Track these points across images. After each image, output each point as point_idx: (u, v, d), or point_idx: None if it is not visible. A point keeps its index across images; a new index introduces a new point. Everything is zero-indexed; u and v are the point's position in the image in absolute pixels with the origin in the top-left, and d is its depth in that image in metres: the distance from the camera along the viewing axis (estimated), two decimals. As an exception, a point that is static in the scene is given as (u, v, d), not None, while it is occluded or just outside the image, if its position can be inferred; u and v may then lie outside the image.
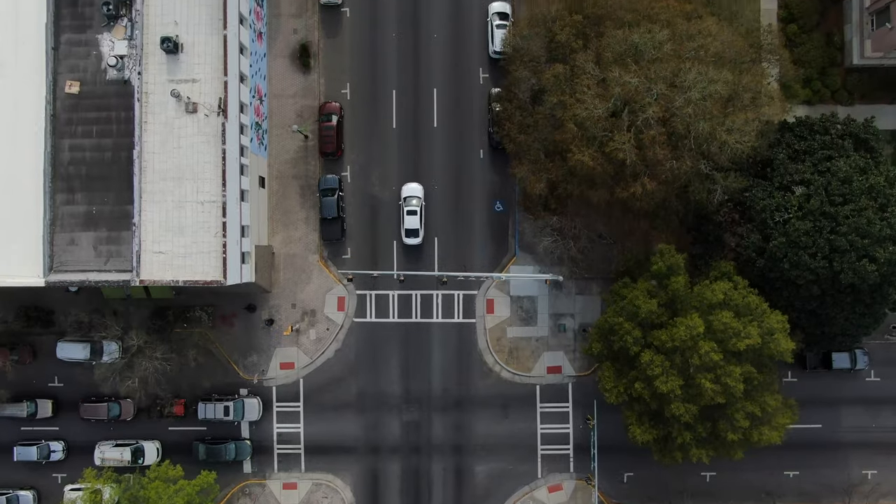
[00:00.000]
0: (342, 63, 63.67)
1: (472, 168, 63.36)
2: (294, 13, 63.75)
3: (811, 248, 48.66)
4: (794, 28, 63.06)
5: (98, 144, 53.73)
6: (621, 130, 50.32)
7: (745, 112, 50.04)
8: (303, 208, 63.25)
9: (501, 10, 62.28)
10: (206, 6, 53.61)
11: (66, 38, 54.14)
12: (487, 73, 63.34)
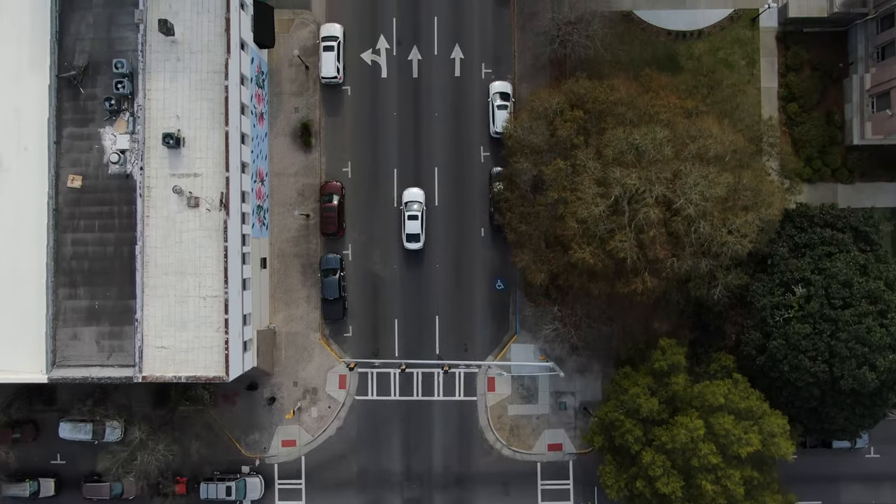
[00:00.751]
0: (343, 141, 63.79)
1: (472, 246, 63.51)
2: (295, 92, 63.84)
3: (811, 351, 48.87)
4: (794, 107, 63.21)
5: (100, 239, 53.86)
6: (622, 229, 50.47)
7: (746, 213, 50.17)
8: (304, 286, 63.43)
9: (503, 90, 62.38)
10: (208, 100, 53.70)
11: (69, 132, 54.25)
12: (488, 151, 63.50)
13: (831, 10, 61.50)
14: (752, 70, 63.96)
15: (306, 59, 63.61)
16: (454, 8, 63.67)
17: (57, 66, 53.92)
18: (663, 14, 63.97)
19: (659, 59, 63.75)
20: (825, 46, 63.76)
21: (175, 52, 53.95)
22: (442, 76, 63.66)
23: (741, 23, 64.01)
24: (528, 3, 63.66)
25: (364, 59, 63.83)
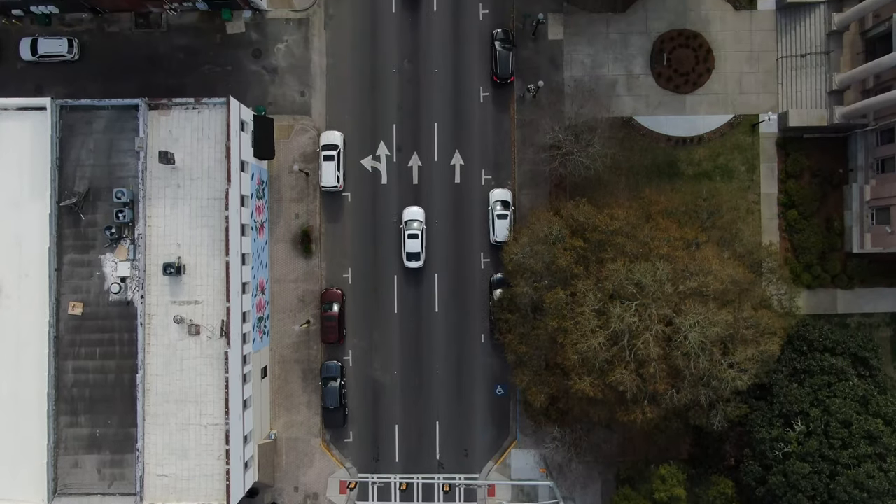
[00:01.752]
0: (344, 247, 63.85)
1: (473, 352, 63.59)
2: (295, 198, 63.89)
3: (810, 491, 49.03)
4: (794, 214, 63.25)
5: (101, 366, 53.95)
6: (622, 361, 50.56)
7: (746, 347, 50.26)
8: (305, 392, 63.55)
9: (503, 198, 62.44)
10: (208, 227, 53.82)
11: (69, 259, 54.30)
12: (489, 258, 63.54)
13: (831, 120, 61.54)
14: (752, 176, 63.99)
15: (306, 166, 63.67)
16: (454, 114, 63.71)
17: (57, 193, 53.93)
18: (663, 120, 63.99)
19: (659, 164, 63.81)
20: (825, 152, 63.76)
21: (175, 179, 54.02)
22: (442, 182, 63.73)
23: (741, 129, 64.02)
24: (528, 110, 63.69)
25: (364, 165, 63.88)
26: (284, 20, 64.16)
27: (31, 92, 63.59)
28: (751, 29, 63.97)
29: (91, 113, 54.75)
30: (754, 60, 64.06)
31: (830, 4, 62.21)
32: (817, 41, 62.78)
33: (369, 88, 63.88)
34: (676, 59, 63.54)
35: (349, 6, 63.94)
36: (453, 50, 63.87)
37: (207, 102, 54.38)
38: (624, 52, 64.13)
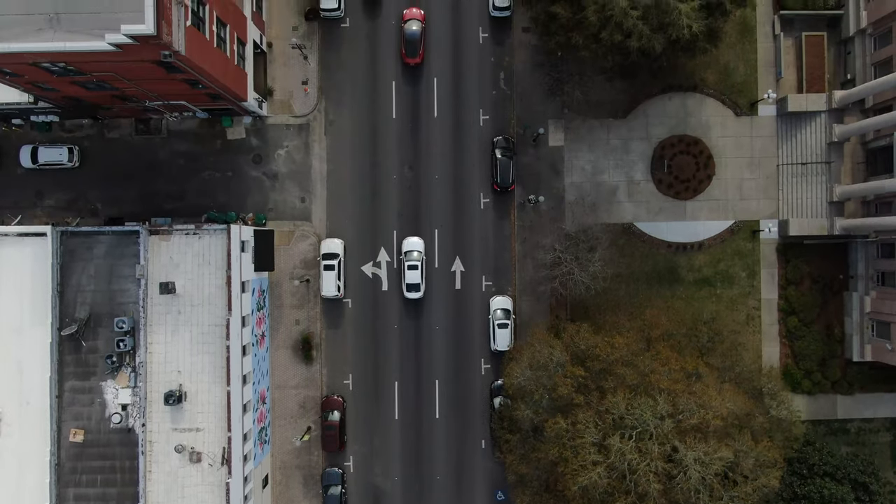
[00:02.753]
0: (344, 354, 63.88)
1: (473, 458, 63.69)
2: (296, 304, 63.90)
3: None
4: (794, 321, 63.31)
5: (103, 494, 54.00)
6: (622, 493, 50.61)
7: (746, 482, 50.32)
8: (306, 498, 63.66)
9: (503, 306, 62.46)
10: (209, 354, 53.88)
11: (70, 386, 54.33)
12: (489, 364, 63.60)
13: (832, 230, 61.57)
14: (753, 282, 64.03)
15: (307, 273, 63.68)
16: (455, 221, 63.70)
17: (58, 320, 53.91)
18: (664, 226, 64.01)
19: (660, 271, 63.86)
20: (825, 258, 63.79)
21: (176, 305, 54.06)
22: (443, 288, 63.73)
23: (742, 235, 64.04)
24: (529, 217, 63.71)
25: (365, 271, 63.89)
26: (285, 126, 64.11)
27: (31, 198, 63.73)
28: (751, 135, 63.96)
29: (92, 238, 54.76)
30: (755, 166, 64.06)
31: (831, 114, 62.13)
32: (818, 150, 62.76)
33: (370, 194, 63.88)
34: (677, 165, 63.51)
35: (349, 112, 63.89)
36: (454, 156, 63.82)
37: (208, 229, 54.39)
38: (625, 157, 64.12)
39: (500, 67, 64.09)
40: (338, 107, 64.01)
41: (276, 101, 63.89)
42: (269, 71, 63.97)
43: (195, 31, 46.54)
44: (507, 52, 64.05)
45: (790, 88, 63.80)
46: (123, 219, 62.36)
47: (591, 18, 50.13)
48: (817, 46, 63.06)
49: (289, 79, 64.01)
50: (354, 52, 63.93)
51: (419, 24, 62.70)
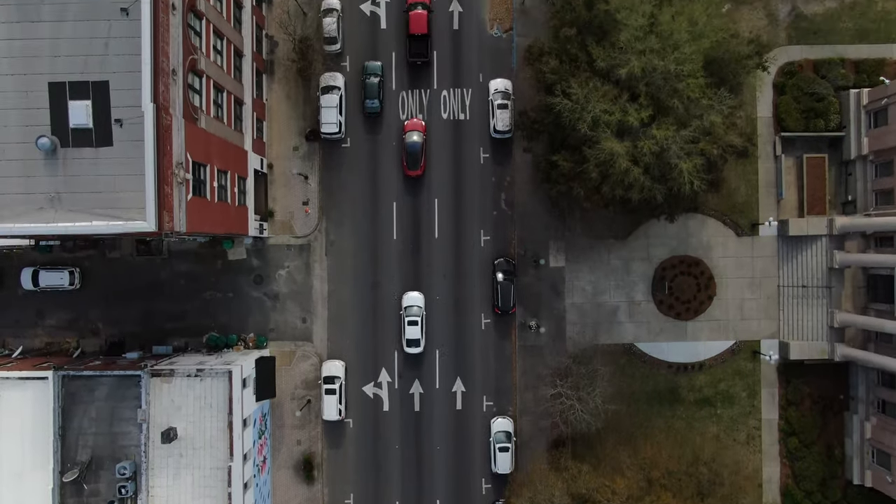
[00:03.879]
0: (346, 474, 64.00)
1: (475, 579, 64.00)
2: (297, 425, 64.00)
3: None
4: (794, 442, 63.44)
5: None
6: None
7: None
8: None
9: (504, 428, 62.57)
10: (211, 497, 54.00)
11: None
12: (490, 483, 63.73)
13: (832, 355, 61.65)
14: (753, 402, 64.13)
15: (308, 392, 63.80)
16: (456, 341, 63.79)
17: (60, 463, 53.94)
18: (665, 346, 64.08)
19: (660, 391, 63.97)
20: (826, 378, 63.87)
21: (178, 449, 54.11)
22: (443, 409, 63.84)
23: (742, 355, 64.12)
24: (530, 338, 63.80)
25: (366, 392, 63.98)
26: (286, 246, 64.10)
27: (32, 317, 63.76)
28: (752, 255, 63.97)
29: (93, 381, 54.73)
30: (755, 286, 64.09)
31: (832, 239, 62.14)
32: (819, 273, 62.79)
33: (371, 315, 63.91)
34: (678, 286, 63.51)
35: (350, 233, 63.89)
36: (455, 277, 63.86)
37: (210, 371, 54.41)
38: (625, 278, 64.15)
39: (501, 188, 64.07)
40: (338, 227, 63.99)
41: (277, 222, 63.89)
42: (270, 191, 63.95)
43: (197, 199, 46.51)
44: (508, 173, 64.02)
45: (791, 209, 63.82)
46: (125, 344, 62.52)
47: (592, 174, 50.08)
48: (818, 168, 63.06)
49: (289, 199, 63.99)
50: (355, 172, 63.89)
51: (421, 135, 62.62)
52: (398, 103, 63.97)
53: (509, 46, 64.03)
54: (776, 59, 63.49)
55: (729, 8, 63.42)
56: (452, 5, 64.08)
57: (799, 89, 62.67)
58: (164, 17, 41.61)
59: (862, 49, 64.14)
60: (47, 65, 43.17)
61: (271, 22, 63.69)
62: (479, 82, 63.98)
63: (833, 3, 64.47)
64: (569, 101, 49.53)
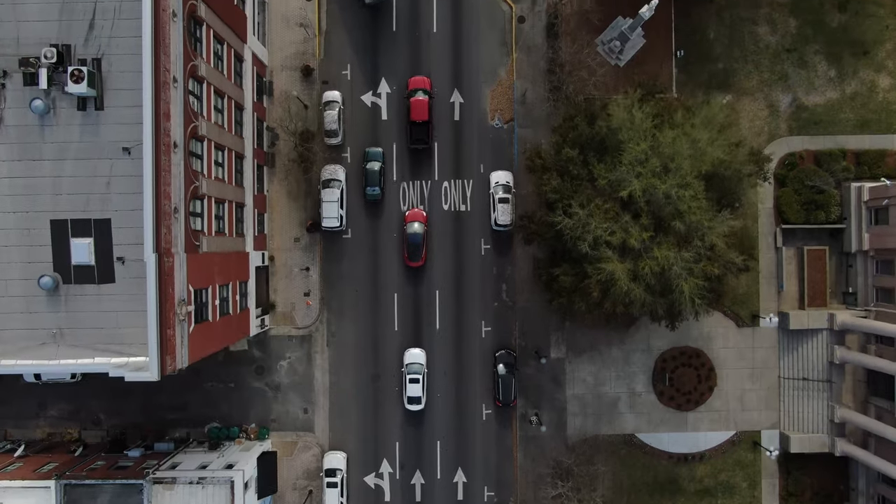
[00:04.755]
0: (347, 564, 64.23)
1: None
2: (299, 516, 64.18)
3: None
4: (795, 543, 63.70)
5: None
6: None
7: None
8: None
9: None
10: None
11: None
12: None
13: (833, 449, 61.80)
14: (754, 492, 64.29)
15: (310, 483, 63.97)
16: (457, 433, 63.91)
17: (63, 571, 54.11)
18: (665, 437, 64.21)
19: (661, 482, 64.13)
20: (826, 468, 64.01)
21: (180, 557, 54.22)
22: (445, 500, 63.99)
23: (743, 446, 64.26)
24: (531, 428, 63.92)
25: (368, 482, 64.14)
26: (287, 337, 64.17)
27: (34, 408, 63.85)
28: (753, 346, 64.07)
29: (95, 489, 54.83)
30: (756, 377, 64.21)
31: (833, 333, 62.24)
32: (819, 367, 62.92)
33: (372, 406, 64.03)
34: (678, 378, 63.63)
35: (351, 324, 63.96)
36: (455, 369, 63.94)
37: (212, 479, 54.52)
38: (626, 369, 64.26)
39: (502, 279, 64.13)
40: (340, 318, 64.05)
41: (279, 314, 63.96)
42: (271, 283, 64.01)
43: (199, 327, 46.58)
44: (510, 263, 64.08)
45: (792, 299, 63.91)
46: (126, 438, 62.63)
47: (594, 293, 50.15)
48: (819, 261, 63.14)
49: (291, 291, 64.05)
50: (356, 263, 63.92)
51: (422, 226, 62.66)
52: (399, 194, 63.99)
53: (510, 137, 64.03)
54: (777, 150, 63.69)
55: (730, 100, 63.68)
56: (454, 96, 64.01)
57: (800, 182, 62.71)
58: (166, 158, 41.59)
59: (863, 139, 64.13)
60: (49, 202, 43.35)
61: (272, 113, 63.68)
62: (481, 173, 64.01)
63: (834, 93, 64.43)
64: (570, 220, 49.55)
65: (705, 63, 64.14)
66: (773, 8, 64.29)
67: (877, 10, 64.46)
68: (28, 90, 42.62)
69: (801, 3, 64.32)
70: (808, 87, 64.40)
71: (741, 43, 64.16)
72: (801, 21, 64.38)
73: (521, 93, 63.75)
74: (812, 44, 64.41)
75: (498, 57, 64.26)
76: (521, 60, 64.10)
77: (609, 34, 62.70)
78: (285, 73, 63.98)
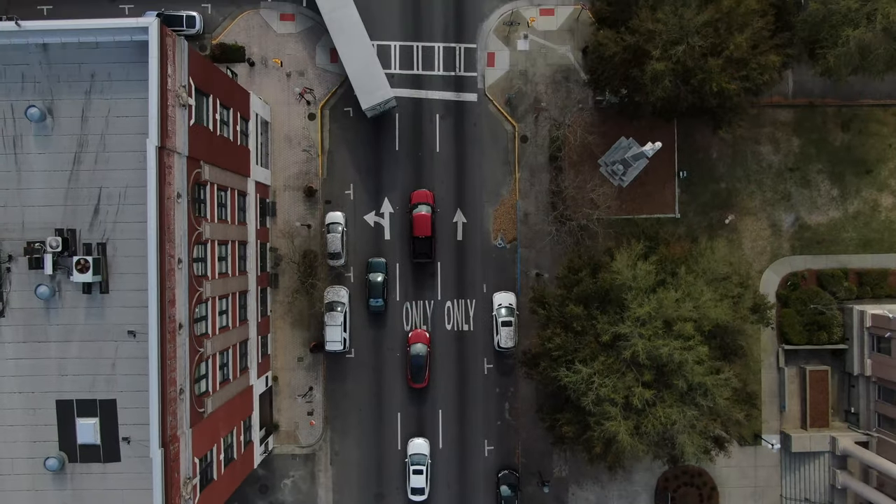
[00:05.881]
0: None
1: None
2: None
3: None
4: None
5: None
6: None
7: None
8: None
9: None
10: None
11: None
12: None
13: (834, 573, 62.10)
14: None
15: None
16: (460, 550, 64.34)
17: None
18: (667, 556, 64.46)
19: None
20: (828, 587, 64.32)
21: None
22: None
23: (745, 564, 64.46)
24: (534, 548, 64.27)
25: None
26: (291, 456, 64.43)
27: None
28: (755, 465, 64.27)
29: None
30: (758, 496, 64.42)
31: (835, 457, 62.42)
32: (821, 489, 63.13)
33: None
34: (681, 497, 63.84)
35: (354, 443, 64.20)
36: (459, 489, 64.16)
37: None
38: (628, 488, 64.45)
39: (505, 398, 64.32)
40: (343, 437, 64.30)
41: (283, 433, 64.16)
42: (275, 402, 64.22)
43: (205, 493, 46.79)
44: (512, 383, 64.26)
45: (794, 419, 64.06)
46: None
47: (596, 448, 50.34)
48: (822, 382, 63.23)
49: (294, 410, 64.27)
50: (359, 382, 64.14)
51: (425, 346, 62.84)
52: (402, 314, 64.13)
53: (513, 257, 64.13)
54: (779, 270, 63.81)
55: (732, 219, 63.73)
56: (457, 216, 64.13)
57: (802, 303, 62.81)
58: (172, 344, 41.77)
59: (865, 259, 64.24)
60: (55, 383, 43.54)
61: (275, 233, 63.81)
62: (483, 293, 64.16)
63: (836, 212, 64.48)
64: (574, 377, 49.70)
65: (708, 183, 64.20)
66: (777, 127, 64.30)
67: (880, 129, 64.45)
68: (33, 273, 42.78)
69: (805, 122, 64.33)
70: (810, 206, 64.45)
71: (744, 162, 64.21)
72: (805, 140, 64.41)
73: (524, 213, 63.84)
74: (815, 163, 64.44)
75: (501, 176, 64.34)
76: (524, 180, 64.20)
77: (612, 156, 62.85)
78: (288, 193, 64.11)
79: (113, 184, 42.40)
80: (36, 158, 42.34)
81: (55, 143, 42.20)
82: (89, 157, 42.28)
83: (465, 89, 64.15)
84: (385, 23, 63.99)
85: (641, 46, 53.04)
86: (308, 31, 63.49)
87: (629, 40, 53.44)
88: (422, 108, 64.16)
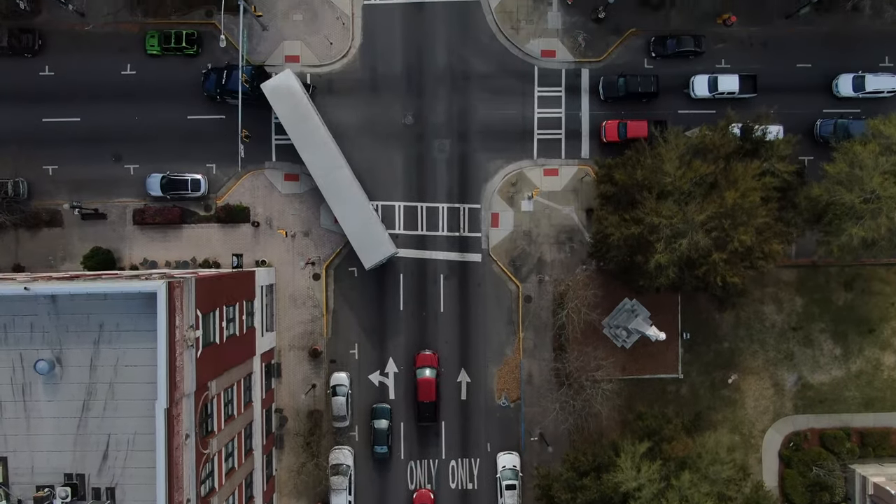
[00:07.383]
0: None
1: None
2: None
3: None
4: None
5: None
6: None
7: None
8: None
9: None
10: None
11: None
12: None
13: None
14: None
15: None
16: None
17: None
18: None
19: None
20: None
21: None
22: None
23: None
24: None
25: None
26: None
27: None
28: None
29: None
30: None
31: None
32: None
33: None
34: None
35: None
36: None
37: None
38: None
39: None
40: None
41: (288, 588, 64.66)
42: (281, 556, 64.67)
43: None
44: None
45: (796, 576, 64.41)
46: None
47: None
48: (824, 546, 63.56)
49: (300, 564, 64.72)
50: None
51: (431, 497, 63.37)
52: (407, 473, 64.51)
53: (517, 416, 64.46)
54: (782, 429, 64.25)
55: (735, 379, 64.09)
56: (461, 375, 64.46)
57: (805, 465, 63.18)
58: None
59: (868, 418, 64.60)
60: None
61: (280, 394, 64.13)
62: (488, 452, 64.51)
63: (839, 371, 64.80)
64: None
65: (711, 342, 64.50)
66: (779, 287, 64.54)
67: (883, 288, 64.70)
68: (43, 516, 43.09)
69: (807, 281, 64.57)
70: (813, 365, 64.75)
71: (747, 322, 64.49)
72: (807, 300, 64.66)
73: (528, 373, 64.16)
74: (818, 322, 64.71)
75: (505, 336, 64.64)
76: (528, 339, 64.49)
77: (615, 319, 63.12)
78: (293, 353, 64.42)
79: (121, 430, 42.74)
80: (45, 406, 42.69)
81: (64, 392, 42.53)
82: (98, 405, 42.62)
83: (469, 250, 64.39)
84: (389, 184, 64.17)
85: (645, 237, 53.31)
86: (312, 192, 63.57)
87: (633, 230, 53.69)
88: (426, 268, 64.40)
